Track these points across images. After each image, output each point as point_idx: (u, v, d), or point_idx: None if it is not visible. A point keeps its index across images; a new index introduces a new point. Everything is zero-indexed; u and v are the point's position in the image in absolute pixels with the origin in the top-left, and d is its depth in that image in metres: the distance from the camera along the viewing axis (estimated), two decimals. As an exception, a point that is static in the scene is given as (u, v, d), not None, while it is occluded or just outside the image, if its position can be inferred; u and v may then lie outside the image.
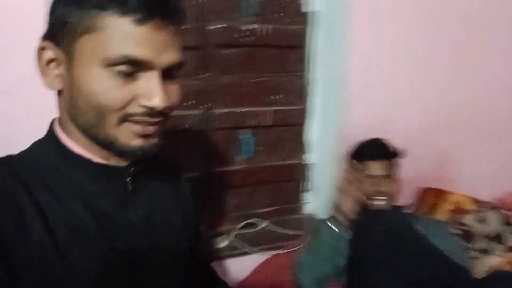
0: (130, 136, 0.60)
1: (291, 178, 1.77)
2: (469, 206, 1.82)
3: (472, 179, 1.91)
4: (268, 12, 1.55)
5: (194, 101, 1.51)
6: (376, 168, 1.48)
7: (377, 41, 1.57)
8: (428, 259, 1.05)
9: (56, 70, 0.60)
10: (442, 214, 1.79)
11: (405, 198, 1.77)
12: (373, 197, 1.46)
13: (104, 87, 0.56)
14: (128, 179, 0.67)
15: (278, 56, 1.61)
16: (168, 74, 0.61)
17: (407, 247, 1.04)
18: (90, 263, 0.60)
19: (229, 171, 1.64)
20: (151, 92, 0.58)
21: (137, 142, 0.61)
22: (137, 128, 0.60)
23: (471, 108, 1.82)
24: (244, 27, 1.51)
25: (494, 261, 1.49)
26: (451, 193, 1.84)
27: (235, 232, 1.64)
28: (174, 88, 0.63)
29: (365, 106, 1.63)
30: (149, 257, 0.69)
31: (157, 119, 0.61)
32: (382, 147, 1.52)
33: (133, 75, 0.58)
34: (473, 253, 1.61)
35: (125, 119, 0.59)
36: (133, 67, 0.57)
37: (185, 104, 1.50)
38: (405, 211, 1.60)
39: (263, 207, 1.75)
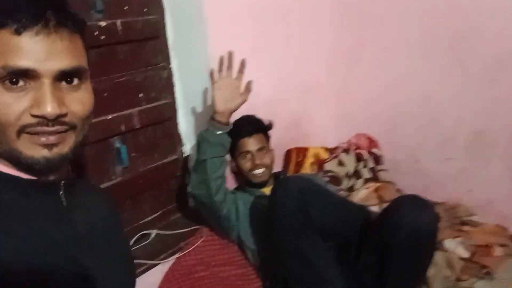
0: (32, 147, 0.59)
1: (172, 176, 1.73)
2: (324, 155, 2.12)
3: (320, 132, 2.23)
4: (116, 6, 1.42)
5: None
6: (251, 143, 1.60)
7: (230, 28, 1.63)
8: (338, 207, 1.21)
9: None
10: (307, 168, 2.04)
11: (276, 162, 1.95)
12: (253, 170, 1.58)
13: None
14: (60, 193, 0.67)
15: (135, 51, 1.51)
16: (67, 80, 0.60)
17: (319, 201, 1.18)
18: (31, 282, 0.59)
19: (106, 188, 1.49)
20: (41, 100, 0.57)
21: (41, 153, 0.60)
22: (39, 139, 0.59)
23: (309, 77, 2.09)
24: (95, 25, 1.35)
25: (363, 193, 1.80)
26: (308, 148, 2.11)
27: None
28: (80, 95, 0.62)
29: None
30: (92, 272, 0.68)
31: (54, 128, 0.59)
32: (252, 123, 1.64)
33: (24, 87, 0.57)
34: (343, 193, 1.91)
35: (22, 131, 0.58)
36: (21, 79, 0.57)
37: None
38: (284, 175, 1.77)
39: (149, 215, 1.67)
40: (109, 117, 1.45)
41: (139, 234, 1.59)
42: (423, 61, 1.87)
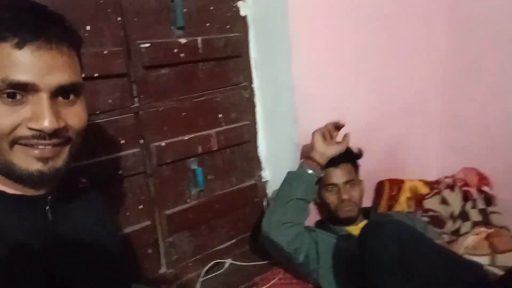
0: (27, 160, 0.60)
1: (249, 202, 1.63)
2: (423, 190, 1.86)
3: (419, 163, 1.98)
4: (198, 22, 1.39)
5: (124, 140, 1.28)
6: (337, 175, 1.43)
7: (318, 43, 1.50)
8: (444, 264, 0.99)
9: None
10: (402, 204, 1.80)
11: (365, 194, 1.75)
12: (338, 206, 1.41)
13: None
14: (47, 208, 0.67)
15: (215, 69, 1.46)
16: (64, 95, 0.62)
17: (423, 259, 0.97)
18: None
19: (181, 211, 1.44)
20: (39, 114, 0.58)
21: (35, 167, 0.60)
22: (33, 151, 0.60)
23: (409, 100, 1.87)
24: (175, 42, 1.33)
25: (472, 239, 1.52)
26: (404, 180, 1.87)
27: (202, 279, 1.45)
28: (76, 110, 0.64)
29: (314, 111, 1.54)
30: (74, 286, 0.68)
31: (51, 141, 0.60)
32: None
33: (22, 99, 0.58)
34: (446, 237, 1.64)
35: (15, 142, 0.59)
36: (19, 91, 0.58)
37: (118, 144, 1.27)
38: (375, 211, 1.57)
39: (224, 242, 1.58)
40: (186, 137, 1.40)
41: (213, 262, 1.51)
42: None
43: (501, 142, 1.76)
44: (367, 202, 1.73)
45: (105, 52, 1.19)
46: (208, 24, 1.42)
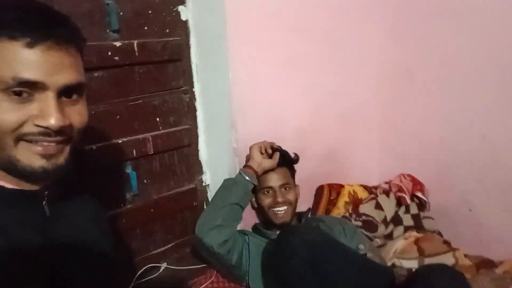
0: (31, 157, 0.62)
1: (188, 206, 1.65)
2: (363, 194, 1.95)
3: (359, 168, 2.06)
4: (134, 26, 1.40)
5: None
6: (273, 178, 1.49)
7: (257, 48, 1.55)
8: (355, 269, 1.05)
9: None
10: (341, 208, 1.87)
11: (304, 198, 1.82)
12: (274, 208, 1.46)
13: None
14: (44, 203, 0.69)
15: (153, 73, 1.47)
16: (69, 94, 0.64)
17: (333, 263, 1.03)
18: None
19: (114, 214, 1.45)
20: (45, 112, 0.61)
21: (39, 163, 0.63)
22: (37, 148, 0.62)
23: (347, 103, 1.94)
24: (109, 45, 1.33)
25: (400, 244, 1.60)
26: (344, 185, 1.95)
27: (134, 283, 1.45)
28: (78, 109, 0.67)
29: (251, 116, 1.59)
30: (70, 281, 0.70)
31: (56, 138, 0.63)
32: None
33: (29, 97, 0.61)
34: (378, 241, 1.72)
35: (20, 138, 0.61)
36: (27, 89, 0.60)
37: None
38: (307, 216, 1.63)
39: (160, 246, 1.60)
40: (120, 141, 1.41)
41: (147, 266, 1.52)
42: (482, 96, 1.65)
43: (434, 148, 1.86)
44: (306, 207, 1.80)
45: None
46: (145, 28, 1.43)
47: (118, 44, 1.35)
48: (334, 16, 1.77)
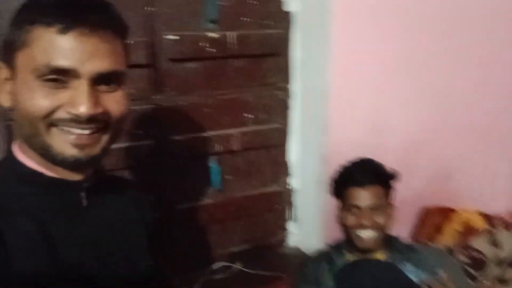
0: (63, 145, 0.64)
1: (270, 208, 1.65)
2: (479, 224, 1.73)
3: (482, 193, 1.83)
4: (233, 16, 1.41)
5: (141, 130, 1.36)
6: (361, 196, 1.38)
7: (365, 44, 1.45)
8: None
9: (8, 88, 0.66)
10: (449, 237, 1.69)
11: (405, 220, 1.68)
12: (357, 230, 1.36)
13: (33, 95, 0.61)
14: (82, 194, 0.71)
15: (248, 67, 1.47)
16: (105, 82, 0.65)
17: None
18: (37, 277, 0.63)
19: (194, 207, 1.51)
20: (77, 99, 0.62)
21: (72, 152, 0.64)
22: (69, 137, 0.63)
23: (473, 113, 1.72)
24: (204, 36, 1.37)
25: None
26: (457, 211, 1.75)
27: (205, 278, 1.51)
28: (116, 96, 0.67)
29: (348, 121, 1.50)
30: (99, 276, 0.72)
31: (88, 126, 0.64)
32: (367, 171, 1.40)
33: (63, 84, 0.62)
34: (485, 283, 1.52)
35: (52, 124, 0.63)
36: (61, 76, 0.61)
37: (134, 133, 1.36)
38: (400, 242, 1.49)
39: (236, 246, 1.63)
40: (207, 134, 1.45)
41: (220, 265, 1.57)
42: None
43: None
44: (406, 230, 1.67)
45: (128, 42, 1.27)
46: (245, 19, 1.43)
47: (214, 35, 1.37)
48: (465, 9, 1.57)
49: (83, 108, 0.61)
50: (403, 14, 1.47)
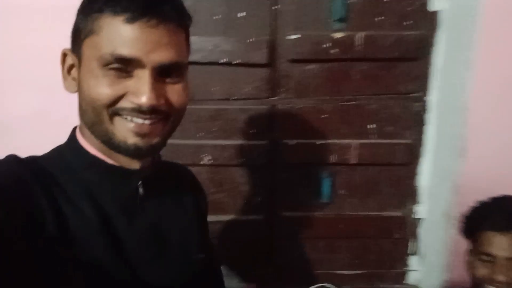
0: (125, 133, 0.65)
1: (388, 236, 1.46)
2: None
3: None
4: (364, 15, 1.29)
5: (255, 130, 1.35)
6: (499, 244, 1.11)
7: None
8: None
9: (73, 74, 0.69)
10: None
11: None
12: (490, 285, 1.10)
13: (97, 83, 0.63)
14: (139, 183, 0.72)
15: (377, 72, 1.34)
16: (168, 74, 0.66)
17: None
18: (95, 263, 0.64)
19: (300, 217, 1.43)
20: (139, 89, 0.63)
21: (132, 140, 0.65)
22: (130, 124, 0.65)
23: None
24: (328, 36, 1.29)
25: None
26: None
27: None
28: (177, 88, 0.67)
29: (489, 145, 1.24)
30: (157, 264, 0.73)
31: (149, 117, 0.64)
32: (510, 212, 1.13)
33: (127, 74, 0.63)
34: None
35: (115, 113, 0.64)
36: (125, 66, 0.62)
37: (248, 133, 1.36)
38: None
39: (343, 269, 1.49)
40: (321, 142, 1.37)
41: (320, 284, 1.45)
42: None
43: None
44: None
45: (248, 40, 1.27)
46: (378, 18, 1.30)
47: (338, 35, 1.28)
48: None
49: (145, 98, 0.62)
50: None
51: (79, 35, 0.65)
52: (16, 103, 1.23)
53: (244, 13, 1.28)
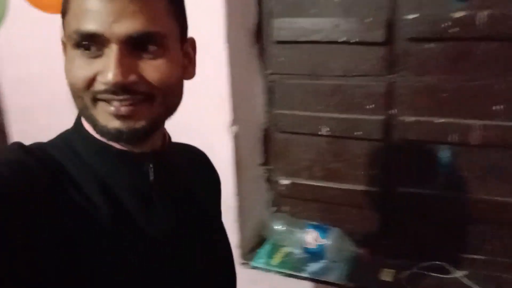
0: (106, 117, 0.61)
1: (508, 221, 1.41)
2: None
3: None
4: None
5: (373, 105, 1.46)
6: None
7: None
8: None
9: None
10: None
11: None
12: None
13: (71, 67, 0.61)
14: (150, 166, 0.69)
15: (502, 52, 1.29)
16: (143, 48, 0.60)
17: None
18: (109, 253, 0.62)
19: (416, 194, 1.49)
20: (106, 67, 0.58)
21: (113, 124, 0.61)
22: (110, 108, 0.60)
23: None
24: (448, 15, 1.31)
25: None
26: None
27: (411, 271, 1.49)
28: (157, 64, 0.61)
29: None
30: (176, 250, 0.72)
31: (124, 97, 0.60)
32: None
33: (97, 52, 0.59)
34: None
35: (96, 98, 0.61)
36: (93, 44, 0.59)
37: (365, 108, 1.48)
38: None
39: (462, 251, 1.49)
40: (440, 120, 1.40)
41: (433, 262, 1.49)
42: None
43: None
44: None
45: (366, 20, 1.39)
46: (506, -4, 1.26)
47: (458, 14, 1.29)
48: None
49: (110, 76, 0.57)
50: None
51: (62, 19, 0.63)
52: (38, 89, 1.52)
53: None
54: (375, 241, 1.59)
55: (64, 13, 0.62)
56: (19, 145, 0.63)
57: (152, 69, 0.61)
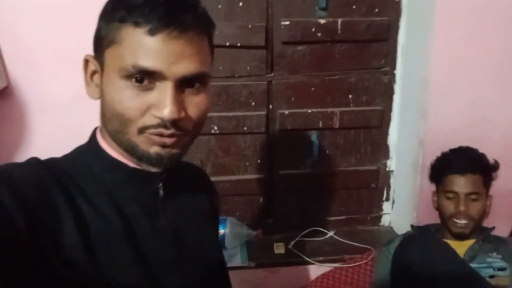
0: (148, 144, 0.66)
1: (366, 186, 1.84)
2: None
3: None
4: (342, 4, 1.61)
5: (256, 102, 1.67)
6: (460, 183, 1.46)
7: (463, 37, 1.53)
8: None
9: (96, 81, 0.71)
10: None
11: (505, 214, 1.72)
12: (452, 217, 1.46)
13: (120, 96, 0.64)
14: (160, 185, 0.74)
15: (353, 51, 1.66)
16: (190, 84, 0.66)
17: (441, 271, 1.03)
18: (116, 266, 0.66)
19: (294, 174, 1.77)
20: (161, 103, 0.63)
21: (155, 150, 0.67)
22: (155, 138, 0.66)
23: None
24: (315, 22, 1.59)
25: None
26: None
27: (296, 240, 1.77)
28: (198, 100, 0.68)
29: (446, 109, 1.60)
30: (177, 264, 0.76)
31: (172, 131, 0.65)
32: (469, 159, 1.48)
33: (149, 86, 0.64)
34: None
35: (143, 131, 0.65)
36: (147, 78, 0.63)
37: (250, 105, 1.67)
38: (490, 234, 1.55)
39: (332, 215, 1.86)
40: (309, 111, 1.70)
41: (314, 228, 1.81)
42: None
43: None
44: (507, 223, 1.72)
45: (249, 26, 1.57)
46: (353, 7, 1.62)
47: (322, 21, 1.60)
48: None
49: (166, 111, 0.62)
50: (507, 7, 1.52)
51: (101, 43, 0.66)
52: (57, 85, 1.48)
53: (241, 3, 1.57)
54: (265, 221, 1.82)
55: (110, 42, 0.65)
56: (36, 160, 0.68)
57: (194, 104, 0.68)
